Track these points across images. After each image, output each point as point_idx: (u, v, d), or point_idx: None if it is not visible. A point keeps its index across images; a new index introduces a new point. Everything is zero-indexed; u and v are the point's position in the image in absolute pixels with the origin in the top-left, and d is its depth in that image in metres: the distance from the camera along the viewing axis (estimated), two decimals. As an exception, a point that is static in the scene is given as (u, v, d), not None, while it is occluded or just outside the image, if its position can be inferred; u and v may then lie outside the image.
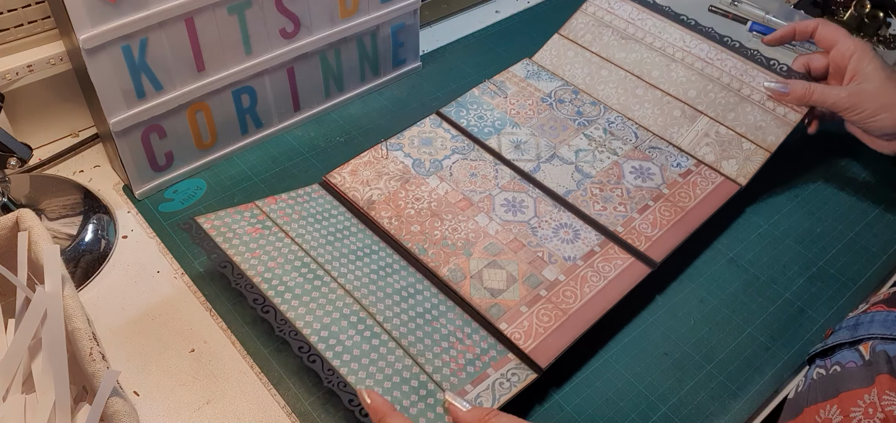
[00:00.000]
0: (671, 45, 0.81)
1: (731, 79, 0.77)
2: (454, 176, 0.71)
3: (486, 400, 0.53)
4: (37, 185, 0.70)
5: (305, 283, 0.58)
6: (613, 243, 0.65)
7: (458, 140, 0.75)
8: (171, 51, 0.65)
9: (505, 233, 0.65)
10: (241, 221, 0.62)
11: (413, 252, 0.63)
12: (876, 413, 0.47)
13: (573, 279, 0.62)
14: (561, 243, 0.65)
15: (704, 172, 0.71)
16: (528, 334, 0.58)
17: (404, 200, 0.68)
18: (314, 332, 0.54)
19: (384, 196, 0.68)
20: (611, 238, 0.65)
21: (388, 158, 0.72)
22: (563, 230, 0.66)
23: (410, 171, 0.71)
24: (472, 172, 0.71)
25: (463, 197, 0.69)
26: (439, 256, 0.63)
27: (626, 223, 0.67)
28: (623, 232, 0.66)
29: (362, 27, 0.77)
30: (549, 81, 0.82)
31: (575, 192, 0.70)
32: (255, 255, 0.59)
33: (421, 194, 0.69)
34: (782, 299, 0.63)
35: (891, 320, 0.51)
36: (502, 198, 0.69)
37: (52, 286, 0.51)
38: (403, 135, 0.74)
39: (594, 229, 0.66)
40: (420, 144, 0.74)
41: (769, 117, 0.73)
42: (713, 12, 0.99)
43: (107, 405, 0.47)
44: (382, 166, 0.71)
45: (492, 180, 0.70)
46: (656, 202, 0.68)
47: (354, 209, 0.67)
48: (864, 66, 0.69)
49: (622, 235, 0.66)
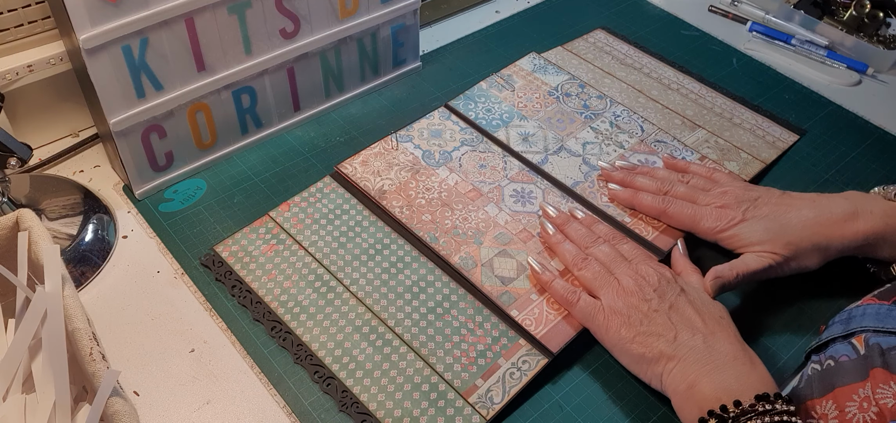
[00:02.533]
0: (666, 77, 0.85)
1: (722, 110, 0.81)
2: (463, 167, 0.72)
3: (496, 393, 0.55)
4: (37, 185, 0.70)
5: (319, 298, 0.61)
6: (621, 233, 0.66)
7: (466, 132, 0.76)
8: (171, 51, 0.65)
9: (514, 223, 0.67)
10: (257, 240, 0.65)
11: (425, 241, 0.65)
12: (870, 407, 0.47)
13: None
14: None
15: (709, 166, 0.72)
16: (538, 320, 0.59)
17: (415, 191, 0.69)
18: (328, 352, 0.57)
19: (395, 186, 0.69)
20: (618, 228, 0.67)
21: (397, 150, 0.73)
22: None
23: (420, 162, 0.72)
24: (481, 163, 0.72)
25: (472, 187, 0.70)
26: (450, 244, 0.65)
27: (633, 214, 0.68)
28: (630, 223, 0.67)
29: (362, 27, 0.77)
30: (555, 74, 0.84)
31: (582, 183, 0.71)
32: (271, 276, 0.62)
33: (431, 185, 0.70)
34: (782, 299, 0.63)
35: (883, 312, 0.51)
36: (511, 189, 0.70)
37: (52, 286, 0.51)
38: (413, 127, 0.76)
39: (602, 219, 0.67)
40: (429, 135, 0.75)
41: (761, 142, 0.77)
42: (713, 12, 0.99)
43: (107, 405, 0.47)
44: (392, 157, 0.72)
45: (501, 172, 0.72)
46: None
47: (366, 200, 0.68)
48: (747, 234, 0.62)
49: (629, 225, 0.67)
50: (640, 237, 0.66)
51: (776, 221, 0.62)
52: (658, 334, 0.53)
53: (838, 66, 0.89)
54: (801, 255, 0.61)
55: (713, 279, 0.59)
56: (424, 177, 0.71)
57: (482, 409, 0.54)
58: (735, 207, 0.64)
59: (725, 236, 0.63)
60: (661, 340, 0.53)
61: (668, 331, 0.53)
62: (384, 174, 0.71)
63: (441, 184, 0.70)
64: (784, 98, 0.85)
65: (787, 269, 0.61)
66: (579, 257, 0.61)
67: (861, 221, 0.60)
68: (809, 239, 0.61)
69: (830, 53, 0.91)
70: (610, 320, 0.56)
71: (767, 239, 0.61)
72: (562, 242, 0.63)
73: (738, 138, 0.77)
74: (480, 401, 0.54)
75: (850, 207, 0.61)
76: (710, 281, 0.59)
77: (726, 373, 0.50)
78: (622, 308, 0.56)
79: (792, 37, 0.92)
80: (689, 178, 0.68)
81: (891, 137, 0.80)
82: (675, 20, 0.97)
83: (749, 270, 0.60)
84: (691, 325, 0.54)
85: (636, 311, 0.55)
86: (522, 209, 0.68)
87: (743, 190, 0.65)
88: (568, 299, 0.59)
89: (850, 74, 0.88)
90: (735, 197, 0.64)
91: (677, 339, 0.53)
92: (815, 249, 0.61)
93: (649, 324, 0.54)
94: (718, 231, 0.63)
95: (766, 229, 0.61)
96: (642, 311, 0.55)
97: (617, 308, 0.56)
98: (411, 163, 0.72)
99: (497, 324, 0.59)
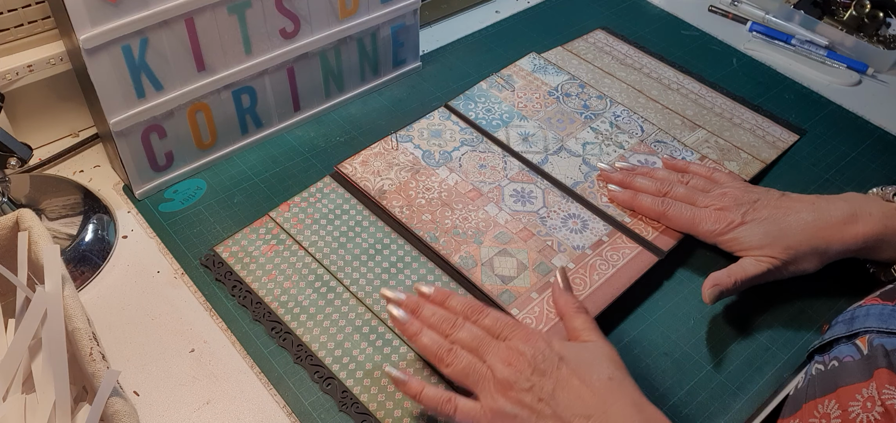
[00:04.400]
0: (666, 78, 0.86)
1: (722, 110, 0.81)
2: (463, 167, 0.72)
3: None
4: (37, 185, 0.70)
5: (319, 299, 0.61)
6: (621, 232, 0.66)
7: (466, 132, 0.76)
8: (171, 51, 0.65)
9: (514, 223, 0.67)
10: (257, 240, 0.65)
11: (425, 240, 0.65)
12: (874, 407, 0.47)
13: (582, 267, 0.63)
14: (570, 232, 0.66)
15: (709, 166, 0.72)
16: (539, 319, 0.59)
17: (415, 190, 0.69)
18: (329, 352, 0.57)
19: (395, 186, 0.69)
20: (619, 228, 0.67)
21: (397, 150, 0.73)
22: (571, 220, 0.67)
23: (420, 162, 0.72)
24: (481, 163, 0.72)
25: (473, 187, 0.70)
26: (450, 244, 0.65)
27: (632, 214, 0.68)
28: (631, 223, 0.67)
29: (362, 27, 0.77)
30: (555, 74, 0.84)
31: (583, 183, 0.71)
32: (271, 276, 0.62)
33: (431, 185, 0.70)
34: (782, 299, 0.63)
35: (887, 312, 0.51)
36: (511, 189, 0.70)
37: (52, 286, 0.51)
38: (413, 127, 0.76)
39: (602, 219, 0.67)
40: (429, 135, 0.75)
41: (761, 142, 0.77)
42: (713, 12, 0.99)
43: (107, 405, 0.47)
44: (392, 157, 0.72)
45: (501, 172, 0.72)
46: None
47: (366, 200, 0.68)
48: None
49: (630, 225, 0.67)
50: (640, 237, 0.66)
51: (775, 224, 0.61)
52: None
53: (838, 67, 0.89)
54: (799, 259, 0.61)
55: (711, 287, 0.59)
56: (424, 177, 0.71)
57: None
58: (734, 209, 0.63)
59: (724, 239, 0.63)
60: None
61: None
62: (384, 174, 0.71)
63: (441, 184, 0.70)
64: (784, 98, 0.85)
65: (786, 273, 0.61)
66: (444, 350, 0.53)
67: (860, 224, 0.60)
68: (808, 243, 0.60)
69: (830, 53, 0.91)
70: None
71: (766, 243, 0.61)
72: (419, 332, 0.54)
73: (739, 138, 0.77)
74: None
75: (849, 210, 0.61)
76: (708, 289, 0.59)
77: None
78: (505, 406, 0.49)
79: (792, 37, 0.92)
80: (689, 178, 0.68)
81: (891, 137, 0.80)
82: (675, 20, 0.97)
83: (747, 276, 0.60)
84: (583, 409, 0.47)
85: (520, 406, 0.48)
86: (523, 209, 0.68)
87: (742, 191, 0.65)
88: (444, 408, 0.51)
89: (850, 74, 0.88)
90: (734, 199, 0.64)
91: None
92: (814, 252, 0.61)
93: (538, 419, 0.48)
94: (717, 234, 0.63)
95: (765, 233, 0.61)
96: (526, 404, 0.48)
97: (498, 407, 0.49)
98: (411, 163, 0.72)
99: None
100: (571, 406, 0.48)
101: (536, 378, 0.49)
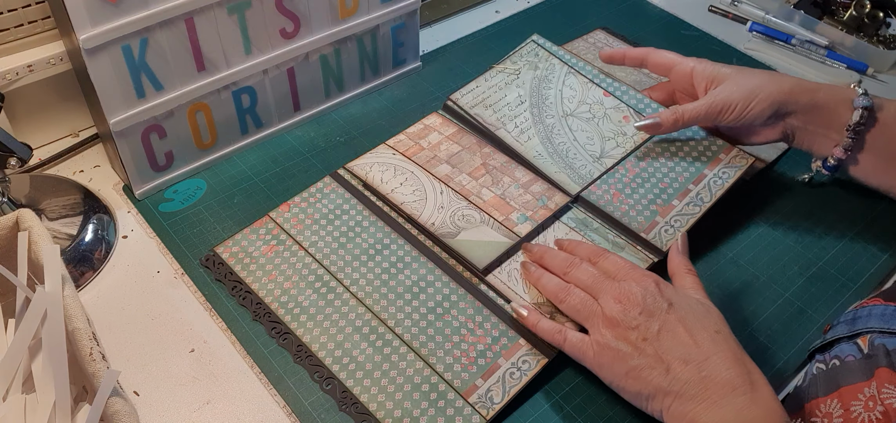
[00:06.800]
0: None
1: None
2: (464, 164, 0.72)
3: (496, 393, 0.55)
4: (37, 185, 0.70)
5: (319, 299, 0.61)
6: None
7: (465, 130, 0.75)
8: (171, 51, 0.65)
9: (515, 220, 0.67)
10: (257, 240, 0.65)
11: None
12: (876, 406, 0.47)
13: None
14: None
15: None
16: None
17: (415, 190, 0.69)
18: (329, 353, 0.57)
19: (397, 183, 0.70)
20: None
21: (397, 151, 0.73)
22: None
23: (421, 162, 0.72)
24: (481, 160, 0.72)
25: (472, 187, 0.70)
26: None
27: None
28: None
29: (362, 27, 0.77)
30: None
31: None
32: (271, 277, 0.62)
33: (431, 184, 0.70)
34: (782, 298, 0.63)
35: (888, 313, 0.51)
36: (512, 188, 0.70)
37: (52, 286, 0.51)
38: (412, 127, 0.76)
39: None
40: (428, 134, 0.75)
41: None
42: (713, 12, 0.99)
43: (107, 405, 0.47)
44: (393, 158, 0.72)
45: (500, 170, 0.71)
46: None
47: (367, 200, 0.68)
48: (711, 71, 0.69)
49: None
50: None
51: None
52: (650, 367, 0.50)
53: (838, 67, 0.89)
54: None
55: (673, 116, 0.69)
56: (425, 175, 0.71)
57: (482, 409, 0.54)
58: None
59: None
60: (654, 372, 0.50)
61: (659, 363, 0.50)
62: (385, 174, 0.71)
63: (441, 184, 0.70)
64: (784, 98, 0.85)
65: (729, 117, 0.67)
66: (560, 289, 0.57)
67: (765, 90, 0.65)
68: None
69: (830, 53, 0.91)
70: (600, 357, 0.53)
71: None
72: (541, 276, 0.59)
73: None
74: (480, 401, 0.54)
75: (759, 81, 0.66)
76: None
77: (725, 408, 0.47)
78: (610, 341, 0.52)
79: (792, 37, 0.92)
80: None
81: (891, 137, 0.80)
82: (675, 20, 0.97)
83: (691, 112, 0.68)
84: (684, 353, 0.50)
85: (625, 342, 0.52)
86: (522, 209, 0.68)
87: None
88: (555, 339, 0.55)
89: (850, 74, 0.88)
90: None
91: (670, 372, 0.49)
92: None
93: (640, 357, 0.51)
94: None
95: None
96: (631, 341, 0.51)
97: (605, 342, 0.53)
98: (412, 161, 0.72)
99: (497, 324, 0.59)
100: (673, 350, 0.50)
101: (643, 319, 0.52)
